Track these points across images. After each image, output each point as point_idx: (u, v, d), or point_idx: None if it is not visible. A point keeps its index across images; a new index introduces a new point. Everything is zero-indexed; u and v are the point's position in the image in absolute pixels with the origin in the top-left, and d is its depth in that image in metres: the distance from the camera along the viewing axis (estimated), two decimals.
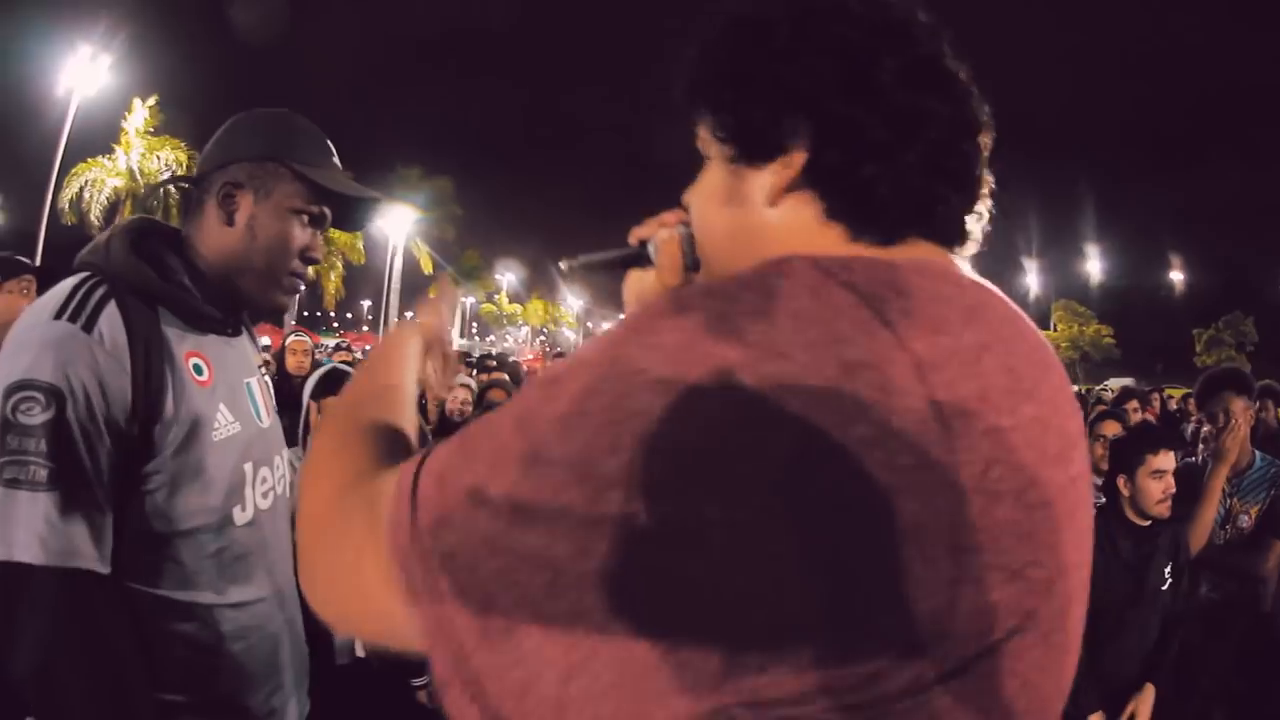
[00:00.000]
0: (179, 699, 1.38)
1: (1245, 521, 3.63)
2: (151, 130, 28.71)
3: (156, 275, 1.44)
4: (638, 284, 0.99)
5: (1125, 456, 3.32)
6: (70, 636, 1.23)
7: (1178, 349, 58.86)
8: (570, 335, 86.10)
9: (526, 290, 77.85)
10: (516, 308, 74.18)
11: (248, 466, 1.52)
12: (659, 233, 0.94)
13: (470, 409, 5.04)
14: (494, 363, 10.74)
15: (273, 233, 1.51)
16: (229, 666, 1.44)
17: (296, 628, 1.64)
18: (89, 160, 27.61)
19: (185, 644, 1.40)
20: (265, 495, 1.57)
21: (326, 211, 1.60)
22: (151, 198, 28.07)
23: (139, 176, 27.84)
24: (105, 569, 1.28)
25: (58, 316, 1.30)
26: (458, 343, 46.37)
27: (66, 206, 27.02)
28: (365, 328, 72.00)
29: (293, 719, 1.60)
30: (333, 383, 3.74)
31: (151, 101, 28.81)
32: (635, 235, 0.97)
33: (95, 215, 27.41)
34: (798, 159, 0.71)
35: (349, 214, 1.65)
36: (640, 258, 0.97)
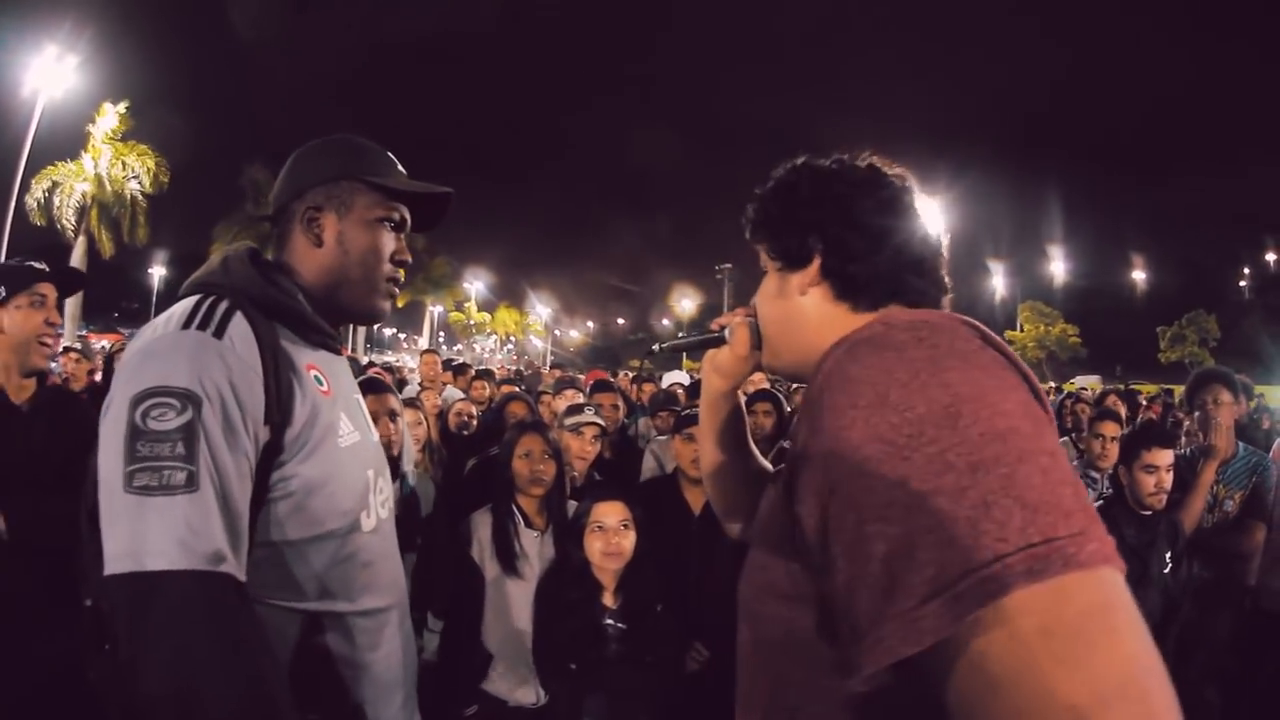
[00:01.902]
0: (320, 715, 1.38)
1: (1230, 506, 4.03)
2: (120, 136, 28.38)
3: (276, 292, 1.51)
4: (714, 358, 1.51)
5: (1125, 451, 3.69)
6: (213, 648, 1.14)
7: (1143, 346, 59.69)
8: (538, 344, 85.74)
9: (495, 298, 77.63)
10: (485, 316, 73.80)
11: (370, 474, 1.58)
12: (734, 321, 1.42)
13: (473, 420, 4.76)
14: (472, 370, 10.43)
15: (362, 244, 1.60)
16: (369, 677, 1.49)
17: (411, 639, 1.69)
18: (57, 164, 27.27)
19: (325, 656, 1.41)
20: (384, 504, 1.63)
21: (405, 215, 1.69)
22: (118, 205, 27.78)
23: (107, 183, 27.54)
24: (243, 577, 1.25)
25: (186, 326, 1.32)
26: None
27: (36, 206, 26.70)
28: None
29: None
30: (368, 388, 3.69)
31: (121, 108, 28.48)
32: (716, 324, 1.48)
33: (66, 220, 27.12)
34: (815, 264, 1.17)
35: (425, 213, 1.74)
36: (718, 340, 1.47)
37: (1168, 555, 3.50)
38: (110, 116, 28.34)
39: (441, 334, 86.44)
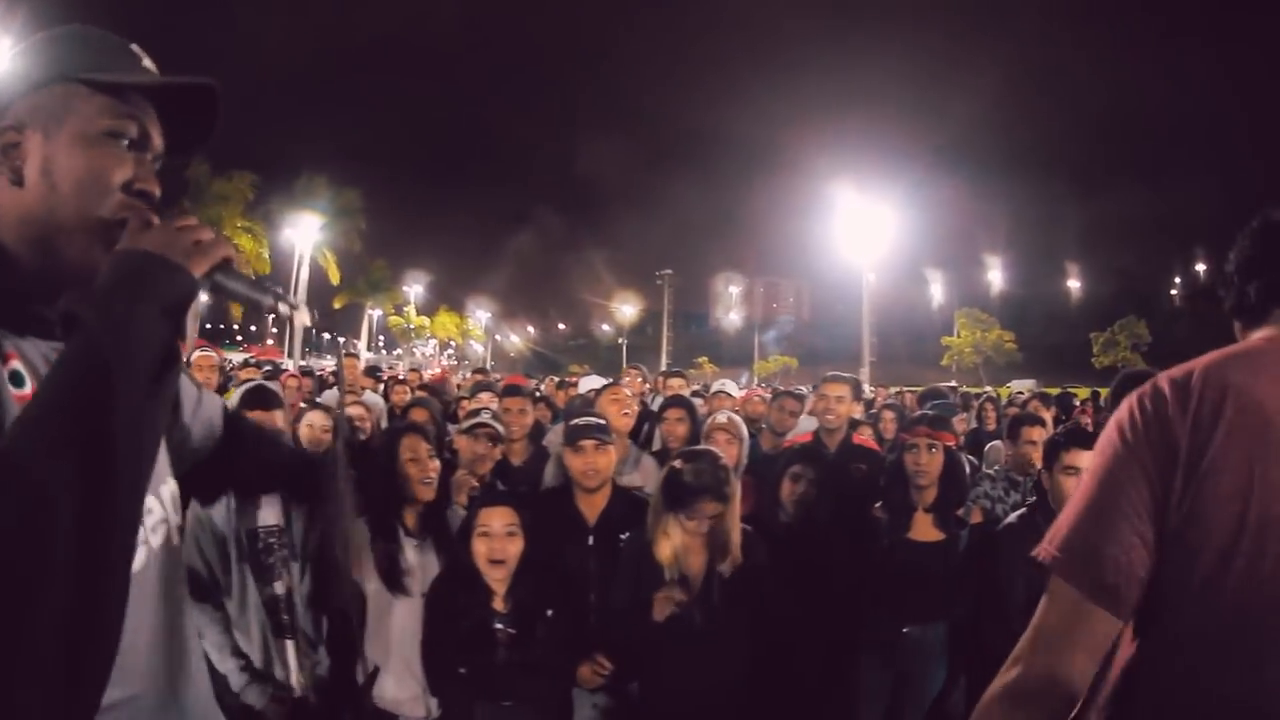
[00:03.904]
0: None
1: None
2: None
3: None
4: None
5: (1047, 454, 3.52)
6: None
7: (1077, 351, 61.08)
8: (478, 349, 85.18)
9: (435, 302, 76.84)
10: (424, 321, 72.91)
11: None
12: None
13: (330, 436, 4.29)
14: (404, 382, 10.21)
15: (76, 172, 1.11)
16: None
17: None
18: None
19: None
20: (153, 531, 1.19)
21: (149, 128, 1.18)
22: None
23: None
24: None
25: None
26: (365, 356, 45.43)
27: None
28: (271, 341, 69.95)
29: None
30: (257, 400, 3.51)
31: None
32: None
33: None
34: None
35: (182, 125, 1.23)
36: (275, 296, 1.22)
37: None
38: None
39: (381, 338, 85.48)
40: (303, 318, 1.34)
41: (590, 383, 7.29)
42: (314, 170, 44.04)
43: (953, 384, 14.98)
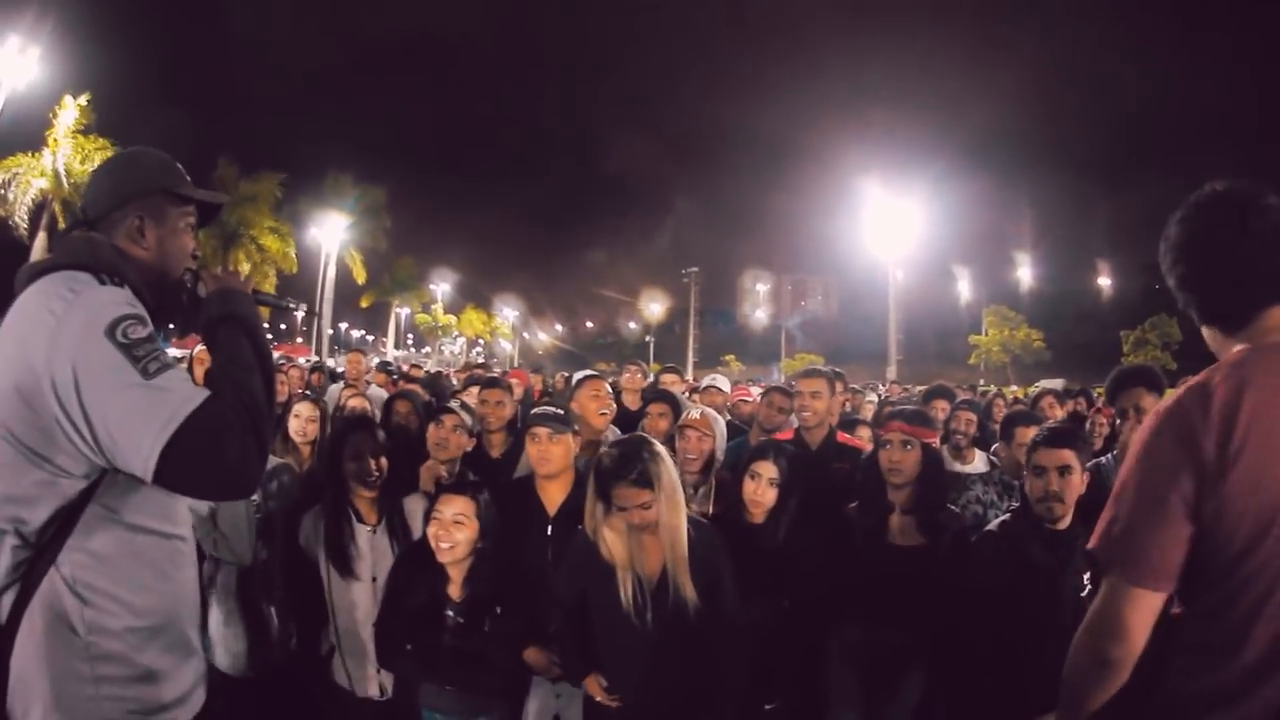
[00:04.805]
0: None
1: None
2: (82, 129, 27.65)
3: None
4: None
5: (1028, 456, 3.29)
6: (238, 419, 1.69)
7: (1106, 351, 60.25)
8: (507, 346, 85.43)
9: (463, 300, 77.07)
10: (451, 319, 73.21)
11: None
12: None
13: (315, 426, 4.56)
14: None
15: (175, 248, 2.07)
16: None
17: None
18: (17, 155, 26.57)
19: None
20: None
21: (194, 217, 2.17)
22: (79, 200, 27.15)
23: (65, 179, 26.81)
24: None
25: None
26: (394, 354, 45.66)
27: None
28: (300, 339, 70.48)
29: None
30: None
31: (83, 100, 27.72)
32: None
33: (20, 216, 26.47)
34: None
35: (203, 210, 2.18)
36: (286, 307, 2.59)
37: (1086, 577, 3.04)
38: (71, 110, 27.59)
39: (410, 336, 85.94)
40: (300, 311, 2.54)
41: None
42: (339, 169, 44.39)
43: (977, 384, 14.71)
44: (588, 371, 6.37)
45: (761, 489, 3.65)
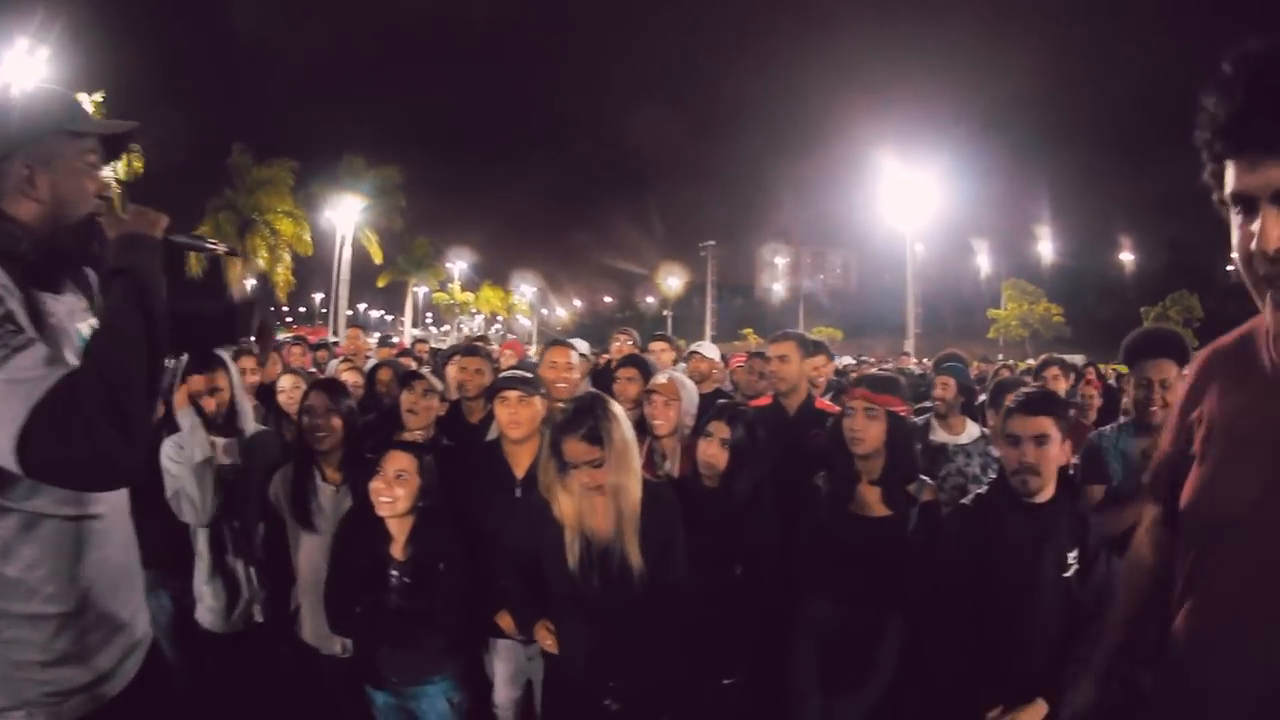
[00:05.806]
0: None
1: None
2: None
3: None
4: None
5: (1001, 425, 3.13)
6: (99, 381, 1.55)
7: (1127, 327, 59.50)
8: (525, 322, 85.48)
9: (480, 278, 77.09)
10: (469, 296, 73.33)
11: None
12: None
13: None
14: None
15: (70, 189, 1.86)
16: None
17: None
18: None
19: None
20: None
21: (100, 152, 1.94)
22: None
23: None
24: None
25: None
26: (411, 333, 45.64)
27: None
28: (319, 321, 70.86)
29: None
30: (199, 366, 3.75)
31: (98, 97, 27.75)
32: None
33: None
34: None
35: (111, 141, 1.97)
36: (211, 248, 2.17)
37: (1071, 555, 2.91)
38: (87, 107, 27.61)
39: (429, 315, 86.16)
40: (219, 250, 2.18)
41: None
42: (353, 151, 44.35)
43: (996, 357, 14.55)
44: (551, 339, 6.39)
45: (714, 449, 3.47)
